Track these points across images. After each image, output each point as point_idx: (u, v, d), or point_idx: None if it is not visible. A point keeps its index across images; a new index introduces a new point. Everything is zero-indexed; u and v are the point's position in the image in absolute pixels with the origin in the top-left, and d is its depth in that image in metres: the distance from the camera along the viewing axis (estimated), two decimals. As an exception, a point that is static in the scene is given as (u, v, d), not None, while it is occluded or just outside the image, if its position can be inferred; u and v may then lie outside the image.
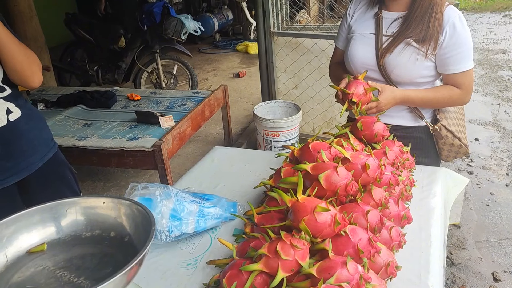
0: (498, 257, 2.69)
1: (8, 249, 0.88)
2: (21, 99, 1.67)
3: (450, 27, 1.58)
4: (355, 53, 1.74)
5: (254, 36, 8.11)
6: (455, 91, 1.67)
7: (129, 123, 3.23)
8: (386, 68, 1.67)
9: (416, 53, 1.61)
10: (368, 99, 1.56)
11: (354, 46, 1.75)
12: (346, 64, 1.82)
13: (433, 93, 1.68)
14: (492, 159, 3.87)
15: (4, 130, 1.58)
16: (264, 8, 3.73)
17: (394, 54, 1.63)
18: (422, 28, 1.58)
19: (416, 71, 1.64)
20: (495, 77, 5.99)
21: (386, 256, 1.09)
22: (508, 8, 10.70)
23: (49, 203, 0.95)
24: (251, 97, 5.60)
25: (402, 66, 1.64)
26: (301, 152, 1.36)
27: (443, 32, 1.59)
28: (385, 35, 1.67)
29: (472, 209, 3.16)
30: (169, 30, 4.86)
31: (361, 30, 1.74)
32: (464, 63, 1.62)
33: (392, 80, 1.69)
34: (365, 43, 1.72)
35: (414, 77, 1.67)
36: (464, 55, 1.61)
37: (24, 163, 1.66)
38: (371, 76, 1.71)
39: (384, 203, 1.24)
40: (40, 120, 1.77)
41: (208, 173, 1.82)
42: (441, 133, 1.77)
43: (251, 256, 1.07)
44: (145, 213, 0.89)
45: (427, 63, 1.63)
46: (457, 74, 1.63)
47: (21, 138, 1.64)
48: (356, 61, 1.74)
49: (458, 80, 1.65)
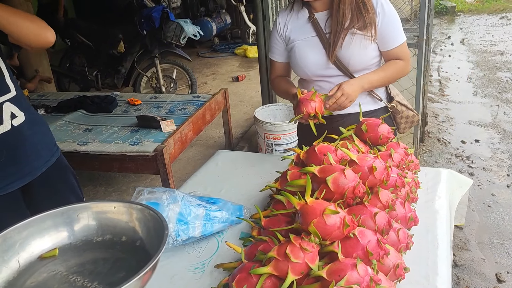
0: (501, 258, 2.70)
1: (20, 254, 0.88)
2: (25, 102, 1.66)
3: (380, 8, 1.70)
4: (305, 58, 1.77)
5: (253, 40, 8.12)
6: (400, 63, 1.80)
7: (130, 128, 3.23)
8: (341, 62, 1.74)
9: (364, 39, 1.70)
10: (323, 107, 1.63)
11: (301, 52, 1.77)
12: (298, 72, 1.85)
13: (385, 70, 1.79)
14: (492, 160, 3.88)
15: (8, 135, 1.56)
16: (264, 12, 3.74)
17: (344, 47, 1.71)
18: (358, 18, 1.67)
19: (368, 55, 1.75)
20: (493, 79, 6.01)
21: (395, 258, 1.09)
22: (505, 10, 10.75)
23: (60, 208, 0.95)
24: (250, 100, 5.60)
25: (356, 55, 1.72)
26: (307, 155, 1.36)
27: (377, 13, 1.70)
28: (326, 33, 1.73)
29: (474, 210, 3.16)
30: (168, 35, 4.87)
31: (302, 36, 1.78)
32: (400, 36, 1.76)
33: (350, 71, 1.76)
34: (311, 46, 1.76)
35: (368, 62, 1.77)
36: (398, 29, 1.75)
37: (28, 168, 1.65)
38: (328, 74, 1.78)
39: (391, 205, 1.24)
40: (43, 124, 1.76)
41: (212, 177, 1.82)
42: (397, 109, 1.90)
43: (260, 259, 1.07)
44: (157, 217, 0.90)
45: (373, 45, 1.73)
46: (397, 47, 1.76)
47: (24, 143, 1.63)
48: (309, 65, 1.77)
49: (399, 53, 1.78)
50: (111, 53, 5.26)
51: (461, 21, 10.19)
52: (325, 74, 1.78)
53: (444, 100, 5.40)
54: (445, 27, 9.74)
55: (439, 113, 4.98)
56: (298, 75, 1.89)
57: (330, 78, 1.78)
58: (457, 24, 9.98)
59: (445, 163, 3.88)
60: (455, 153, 4.04)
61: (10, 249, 0.87)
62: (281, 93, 1.91)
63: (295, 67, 1.83)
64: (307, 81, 1.86)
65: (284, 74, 1.95)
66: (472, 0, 11.78)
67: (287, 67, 1.93)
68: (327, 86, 1.79)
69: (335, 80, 1.77)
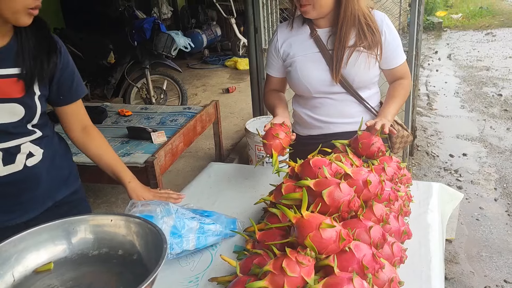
0: (490, 271, 2.72)
1: (15, 268, 0.86)
2: (48, 138, 1.50)
3: (385, 27, 1.72)
4: (308, 74, 1.75)
5: (243, 52, 8.17)
6: (405, 83, 1.83)
7: (121, 139, 3.21)
8: (346, 79, 1.74)
9: (368, 58, 1.71)
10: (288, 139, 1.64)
11: (303, 68, 1.75)
12: (297, 89, 1.83)
13: (398, 97, 1.80)
14: (480, 174, 3.93)
15: (18, 174, 1.39)
16: (256, 25, 3.77)
17: (350, 65, 1.70)
18: (363, 37, 1.68)
19: (372, 74, 1.76)
20: (479, 94, 6.11)
21: (390, 272, 1.09)
22: (489, 26, 10.99)
23: (56, 221, 0.94)
24: (241, 112, 5.62)
25: (361, 73, 1.73)
26: (302, 168, 1.37)
27: (383, 33, 1.72)
28: (329, 50, 1.73)
29: (463, 223, 3.19)
30: (159, 46, 4.88)
31: (303, 52, 1.76)
32: (402, 54, 1.80)
33: (354, 88, 1.76)
34: (314, 62, 1.74)
35: (371, 80, 1.78)
36: (400, 47, 1.78)
37: (35, 205, 1.48)
38: (331, 91, 1.76)
39: (385, 218, 1.25)
40: (62, 156, 1.59)
41: (205, 189, 1.82)
42: (394, 128, 1.84)
43: (256, 273, 1.07)
44: (156, 231, 0.89)
45: (376, 64, 1.75)
46: (401, 65, 1.80)
47: (36, 183, 1.46)
48: (313, 81, 1.75)
49: (402, 71, 1.82)
50: (101, 64, 5.26)
51: (447, 37, 10.38)
52: (328, 91, 1.76)
53: (432, 114, 5.47)
54: (432, 42, 9.91)
55: (428, 126, 5.04)
56: (297, 92, 1.87)
57: (332, 95, 1.77)
58: (443, 39, 10.16)
59: (434, 176, 3.92)
60: (444, 167, 4.09)
61: (5, 262, 0.85)
62: (269, 108, 1.91)
63: (295, 83, 1.80)
64: (306, 97, 1.83)
65: (278, 88, 1.95)
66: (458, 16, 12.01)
67: (282, 82, 1.93)
68: (328, 103, 1.79)
69: (338, 97, 1.77)
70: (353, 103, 1.80)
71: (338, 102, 1.79)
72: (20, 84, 1.27)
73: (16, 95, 1.26)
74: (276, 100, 1.87)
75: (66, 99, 1.49)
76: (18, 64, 1.26)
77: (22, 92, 1.28)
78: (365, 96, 1.80)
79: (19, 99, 1.28)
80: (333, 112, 1.81)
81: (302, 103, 1.88)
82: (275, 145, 1.59)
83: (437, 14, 11.92)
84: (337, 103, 1.79)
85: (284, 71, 1.86)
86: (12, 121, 1.30)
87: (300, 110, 1.90)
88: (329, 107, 1.81)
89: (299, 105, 1.91)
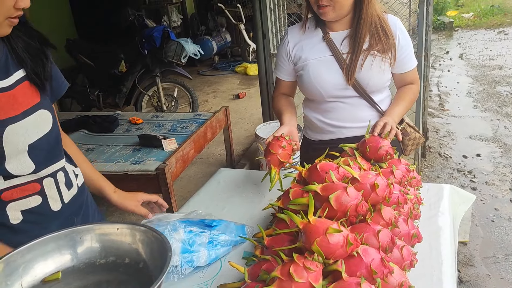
0: (506, 274, 2.67)
1: (23, 278, 0.87)
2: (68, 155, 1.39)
3: (400, 31, 1.73)
4: (321, 77, 1.73)
5: (253, 58, 8.19)
6: (414, 88, 1.84)
7: (132, 147, 3.24)
8: (360, 83, 1.73)
9: (383, 62, 1.71)
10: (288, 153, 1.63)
11: (316, 71, 1.74)
12: (310, 93, 1.81)
13: (405, 100, 1.80)
14: (494, 174, 3.88)
15: (77, 197, 1.33)
16: (264, 31, 3.78)
17: (364, 69, 1.69)
18: (377, 41, 1.68)
19: (385, 78, 1.77)
20: (493, 93, 6.04)
21: (399, 276, 1.08)
22: (502, 24, 10.85)
23: (63, 231, 0.95)
24: (251, 117, 5.63)
25: (376, 77, 1.72)
26: (309, 172, 1.36)
27: (397, 37, 1.72)
28: (343, 53, 1.72)
29: (478, 225, 3.15)
30: (169, 54, 4.92)
31: (315, 55, 1.74)
32: (414, 59, 1.81)
33: (367, 92, 1.75)
34: (326, 65, 1.73)
35: (384, 84, 1.79)
36: (412, 52, 1.79)
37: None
38: (344, 95, 1.75)
39: (394, 222, 1.24)
40: None
41: (214, 196, 1.82)
42: (407, 131, 1.86)
43: (264, 279, 1.07)
44: (161, 239, 0.89)
45: (389, 68, 1.75)
46: (412, 70, 1.80)
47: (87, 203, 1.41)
48: (326, 85, 1.73)
49: (413, 75, 1.82)
50: (112, 73, 5.31)
51: (459, 36, 10.28)
52: (341, 95, 1.75)
53: (444, 115, 5.41)
54: (443, 42, 9.83)
55: (440, 128, 4.99)
56: (309, 96, 1.85)
57: (345, 99, 1.76)
58: (455, 39, 10.06)
59: (447, 178, 3.88)
60: (457, 168, 4.04)
61: (14, 273, 0.86)
62: (276, 114, 1.90)
63: (307, 87, 1.78)
64: (317, 102, 1.82)
65: (288, 92, 1.93)
66: (469, 16, 11.89)
67: (292, 86, 1.91)
68: (340, 107, 1.78)
69: (351, 101, 1.76)
70: (366, 107, 1.79)
71: (350, 106, 1.78)
72: (33, 87, 1.19)
73: (35, 99, 1.18)
74: (283, 106, 1.85)
75: (58, 91, 1.36)
76: (20, 65, 1.17)
77: (38, 94, 1.20)
78: (377, 100, 1.79)
79: (40, 103, 1.19)
80: (345, 117, 1.80)
81: (313, 107, 1.87)
82: (273, 161, 1.60)
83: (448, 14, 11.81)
84: (349, 107, 1.78)
85: (294, 75, 1.85)
86: (47, 131, 1.20)
87: (311, 115, 1.89)
88: (341, 111, 1.80)
89: (310, 110, 1.90)
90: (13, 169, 1.10)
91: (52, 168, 1.21)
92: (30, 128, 1.13)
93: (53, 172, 1.22)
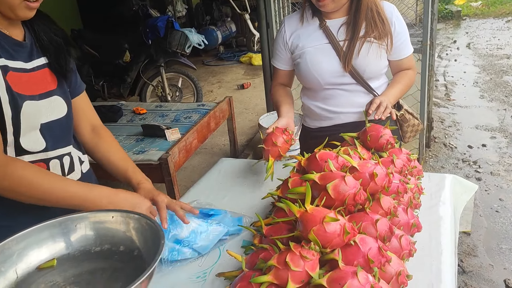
0: (509, 264, 2.66)
1: (18, 265, 0.88)
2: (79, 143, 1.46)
3: (396, 18, 1.74)
4: (318, 65, 1.74)
5: (258, 48, 8.15)
6: (410, 73, 1.85)
7: (136, 137, 3.24)
8: (357, 70, 1.73)
9: (379, 48, 1.72)
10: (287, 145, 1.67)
11: (313, 59, 1.74)
12: (307, 81, 1.81)
13: (401, 83, 1.81)
14: (500, 164, 3.85)
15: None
16: (268, 20, 3.75)
17: (361, 55, 1.70)
18: (373, 27, 1.68)
19: (382, 64, 1.77)
20: (500, 83, 5.97)
21: (397, 265, 1.08)
22: (510, 13, 10.70)
23: (58, 219, 0.95)
24: (255, 108, 5.61)
25: (373, 64, 1.73)
26: (308, 162, 1.36)
27: (392, 23, 1.72)
28: (339, 41, 1.72)
29: (482, 215, 3.13)
30: (173, 44, 4.91)
31: (312, 43, 1.75)
32: (410, 45, 1.81)
33: (364, 79, 1.75)
34: (323, 53, 1.73)
35: (381, 70, 1.80)
36: (408, 39, 1.80)
37: None
38: (342, 82, 1.76)
39: (393, 211, 1.23)
40: None
41: (215, 185, 1.82)
42: (405, 117, 1.88)
43: (261, 267, 1.07)
44: (154, 226, 0.89)
45: (385, 54, 1.75)
46: (408, 57, 1.81)
47: None
48: (323, 72, 1.74)
49: (409, 62, 1.84)
50: (117, 63, 5.31)
51: (466, 25, 10.17)
52: (338, 82, 1.76)
53: (450, 105, 5.37)
54: (451, 31, 9.72)
55: (445, 118, 4.95)
56: (306, 84, 1.86)
57: (343, 86, 1.77)
58: (462, 28, 9.96)
59: (451, 168, 3.85)
60: (462, 158, 4.01)
61: (8, 260, 0.87)
62: (274, 106, 1.90)
63: (305, 75, 1.78)
64: (315, 90, 1.82)
65: (286, 81, 1.94)
66: (477, 4, 11.74)
67: (290, 75, 1.92)
68: (339, 94, 1.78)
69: (348, 88, 1.77)
70: (363, 93, 1.80)
71: (348, 92, 1.78)
72: (53, 75, 1.28)
73: (52, 86, 1.27)
74: (281, 97, 1.86)
75: (74, 90, 1.43)
76: (44, 53, 1.26)
77: (55, 82, 1.28)
78: (374, 87, 1.80)
79: (56, 90, 1.27)
80: (344, 102, 1.81)
81: (311, 96, 1.87)
82: (273, 151, 1.61)
83: (456, 3, 11.67)
84: (347, 93, 1.79)
85: (292, 64, 1.85)
86: (60, 116, 1.28)
87: (310, 103, 1.88)
88: (340, 98, 1.80)
89: (308, 98, 1.90)
90: (26, 144, 1.18)
91: (60, 151, 1.29)
92: (43, 110, 1.22)
93: (60, 155, 1.30)
